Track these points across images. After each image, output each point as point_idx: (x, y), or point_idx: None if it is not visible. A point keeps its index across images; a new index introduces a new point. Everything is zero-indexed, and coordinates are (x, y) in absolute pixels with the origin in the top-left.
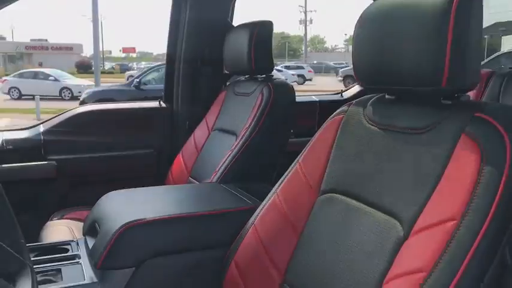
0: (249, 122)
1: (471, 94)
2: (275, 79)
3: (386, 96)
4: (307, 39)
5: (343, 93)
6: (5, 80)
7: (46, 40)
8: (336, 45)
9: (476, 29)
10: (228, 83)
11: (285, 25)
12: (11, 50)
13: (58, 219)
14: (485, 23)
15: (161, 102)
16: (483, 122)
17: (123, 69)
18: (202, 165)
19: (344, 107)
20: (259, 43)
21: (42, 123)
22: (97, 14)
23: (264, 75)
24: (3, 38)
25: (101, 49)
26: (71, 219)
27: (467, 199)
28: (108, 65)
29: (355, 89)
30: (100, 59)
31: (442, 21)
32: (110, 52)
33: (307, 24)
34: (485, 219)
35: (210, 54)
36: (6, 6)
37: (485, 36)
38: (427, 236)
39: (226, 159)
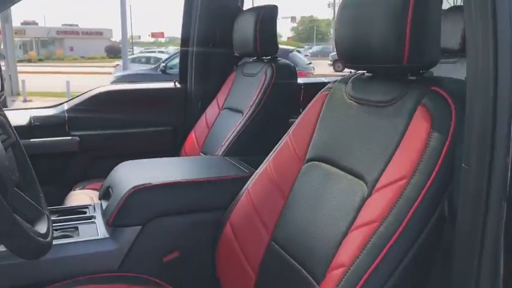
0: (253, 100)
1: None
2: (279, 60)
3: (366, 74)
4: None
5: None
6: (117, 64)
7: (77, 25)
8: None
9: (435, 11)
10: (239, 65)
11: (313, 9)
12: (43, 35)
13: (80, 189)
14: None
15: (176, 83)
16: (436, 95)
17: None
18: (211, 141)
19: (330, 85)
20: (264, 26)
21: (66, 102)
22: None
23: (269, 57)
24: (36, 23)
25: (129, 34)
26: (91, 189)
27: (417, 161)
28: (136, 50)
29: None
30: (129, 44)
31: (403, 4)
32: (139, 37)
33: (336, 7)
34: (428, 179)
35: (222, 37)
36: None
37: None
38: (383, 194)
39: (231, 135)
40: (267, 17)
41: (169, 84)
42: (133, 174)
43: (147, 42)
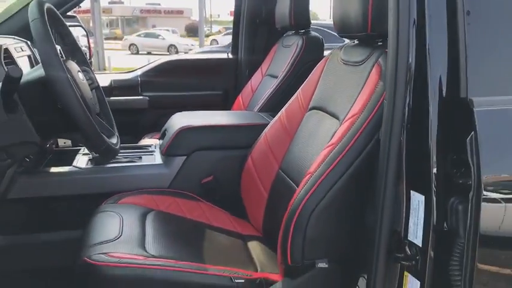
0: (285, 68)
1: None
2: (310, 33)
3: (354, 42)
4: None
5: None
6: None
7: (159, 4)
8: None
9: None
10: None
11: None
12: (128, 13)
13: (148, 138)
14: None
15: (229, 54)
16: (386, 55)
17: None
18: (253, 102)
19: (331, 51)
20: (298, 4)
21: (139, 68)
22: None
23: (303, 30)
24: (122, 2)
25: (208, 13)
26: (156, 138)
27: (366, 102)
28: (215, 28)
29: None
30: (208, 22)
31: None
32: (218, 16)
33: None
34: (369, 114)
35: (267, 14)
36: None
37: None
38: (344, 125)
39: (265, 96)
40: None
41: (224, 55)
42: (183, 120)
43: (226, 21)
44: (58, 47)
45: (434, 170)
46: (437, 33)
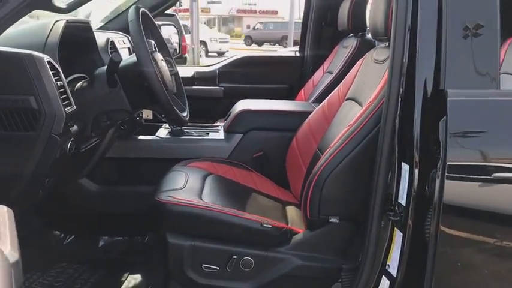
0: (340, 65)
1: None
2: (364, 36)
3: (386, 44)
4: None
5: None
6: None
7: (255, 5)
8: None
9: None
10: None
11: None
12: (225, 13)
13: (220, 122)
14: None
15: (296, 53)
16: None
17: None
18: (312, 95)
19: (369, 51)
20: (355, 10)
21: (218, 63)
22: None
23: (360, 33)
24: (220, 2)
25: (298, 15)
26: None
27: (379, 92)
28: None
29: None
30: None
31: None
32: None
33: None
34: (379, 102)
35: (331, 18)
36: None
37: None
38: (363, 110)
39: (321, 89)
40: (359, 1)
41: (292, 53)
42: (245, 105)
43: None
44: (152, 42)
45: (417, 146)
46: (426, 38)
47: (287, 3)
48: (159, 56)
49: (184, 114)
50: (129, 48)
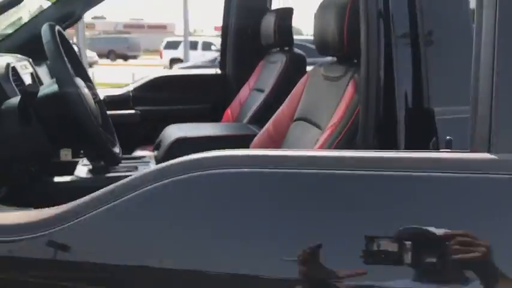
0: (272, 82)
1: None
2: (293, 50)
3: (333, 59)
4: None
5: None
6: None
7: (142, 19)
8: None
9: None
10: (267, 54)
11: None
12: (110, 28)
13: (140, 150)
14: None
15: (217, 70)
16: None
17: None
18: (241, 115)
19: (313, 67)
20: (281, 24)
21: (132, 84)
22: None
23: (287, 48)
24: (104, 18)
25: (192, 28)
26: (148, 150)
27: (344, 112)
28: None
29: None
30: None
31: (342, 11)
32: (202, 30)
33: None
34: (348, 123)
35: (253, 32)
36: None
37: None
38: (325, 133)
39: (253, 109)
40: (284, 17)
41: (212, 71)
42: (177, 131)
43: (209, 36)
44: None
45: None
46: (403, 52)
47: (176, 17)
48: (80, 82)
49: (117, 150)
50: (32, 74)
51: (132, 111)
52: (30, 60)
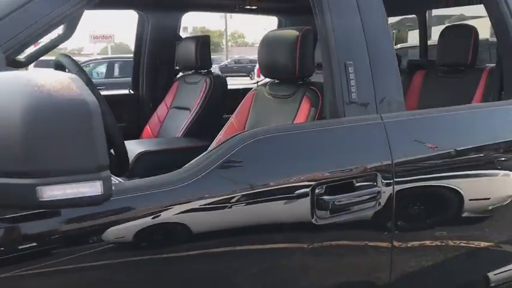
0: (198, 101)
1: None
2: (213, 73)
3: (276, 81)
4: (228, 34)
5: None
6: None
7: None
8: (256, 40)
9: (310, 46)
10: (178, 76)
11: (205, 20)
12: None
13: None
14: (393, 19)
15: (130, 90)
16: (312, 91)
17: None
18: (164, 131)
19: (255, 87)
20: (201, 49)
21: None
22: None
23: (205, 70)
24: None
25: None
26: None
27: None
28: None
29: None
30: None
31: (294, 44)
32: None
33: (227, 18)
34: None
35: (166, 56)
36: None
37: (394, 31)
38: None
39: (185, 124)
40: (203, 42)
41: (125, 91)
42: (136, 146)
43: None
44: None
45: None
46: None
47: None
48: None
49: None
50: None
51: None
52: None
